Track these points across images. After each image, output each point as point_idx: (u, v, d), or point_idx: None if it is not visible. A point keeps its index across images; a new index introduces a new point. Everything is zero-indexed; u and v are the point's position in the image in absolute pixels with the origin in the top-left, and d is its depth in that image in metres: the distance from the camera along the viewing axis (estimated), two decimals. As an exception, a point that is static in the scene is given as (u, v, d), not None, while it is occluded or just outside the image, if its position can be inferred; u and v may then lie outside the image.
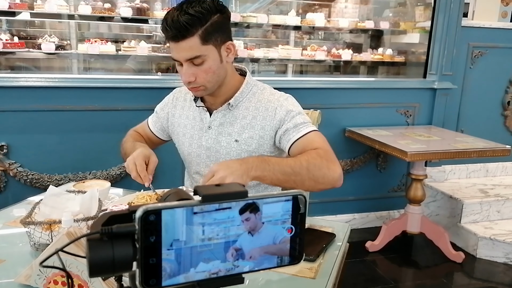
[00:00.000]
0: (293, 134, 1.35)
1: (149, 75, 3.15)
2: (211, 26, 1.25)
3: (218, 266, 0.51)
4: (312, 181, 1.23)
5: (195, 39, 1.24)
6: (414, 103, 3.13)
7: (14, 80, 2.38)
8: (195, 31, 1.23)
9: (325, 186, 1.25)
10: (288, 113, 1.37)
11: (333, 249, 1.18)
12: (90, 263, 0.45)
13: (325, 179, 1.24)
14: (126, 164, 1.33)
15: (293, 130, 1.35)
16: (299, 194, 0.54)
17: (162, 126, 1.59)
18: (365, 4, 3.66)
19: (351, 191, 3.09)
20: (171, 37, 1.25)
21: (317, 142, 1.32)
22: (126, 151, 1.48)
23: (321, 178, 1.24)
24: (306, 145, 1.32)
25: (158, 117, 1.59)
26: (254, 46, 3.39)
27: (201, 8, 1.24)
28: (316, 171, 1.22)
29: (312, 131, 1.35)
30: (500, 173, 3.52)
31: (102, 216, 0.49)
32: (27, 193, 1.66)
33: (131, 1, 3.04)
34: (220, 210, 0.50)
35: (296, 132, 1.34)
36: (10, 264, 1.05)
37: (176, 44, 1.26)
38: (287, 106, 1.38)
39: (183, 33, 1.23)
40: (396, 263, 2.77)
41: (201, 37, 1.24)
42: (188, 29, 1.22)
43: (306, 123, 1.37)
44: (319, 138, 1.35)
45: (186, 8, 1.23)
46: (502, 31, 3.28)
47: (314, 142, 1.32)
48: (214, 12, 1.26)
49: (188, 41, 1.24)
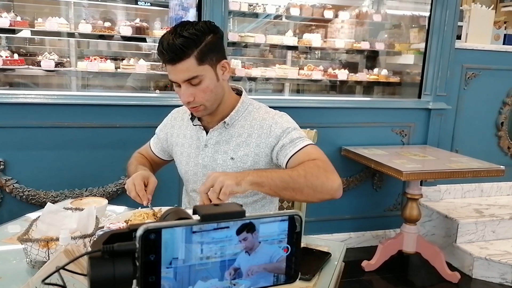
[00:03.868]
0: (289, 149, 1.36)
1: (148, 92, 3.18)
2: (206, 46, 1.28)
3: (216, 284, 0.52)
4: (310, 189, 1.23)
5: (191, 60, 1.27)
6: (409, 123, 3.17)
7: (13, 97, 2.39)
8: (190, 53, 1.26)
9: (323, 196, 1.26)
10: (284, 130, 1.39)
11: (329, 268, 1.18)
12: (91, 280, 0.46)
13: (324, 188, 1.25)
14: (126, 186, 1.36)
15: (289, 145, 1.36)
16: (295, 214, 0.56)
17: (162, 147, 1.62)
18: (360, 26, 3.73)
19: (347, 210, 3.09)
20: (168, 60, 1.28)
21: (315, 154, 1.34)
22: (129, 174, 1.51)
23: (320, 187, 1.24)
24: (304, 158, 1.33)
25: (159, 139, 1.63)
26: (251, 65, 3.44)
27: (195, 30, 1.27)
28: (314, 180, 1.23)
29: (308, 144, 1.36)
30: (494, 193, 3.54)
31: (103, 235, 0.50)
32: (23, 209, 1.67)
33: (131, 20, 3.09)
34: (219, 229, 0.51)
35: (293, 147, 1.35)
36: (6, 281, 1.05)
37: (173, 67, 1.29)
38: (282, 123, 1.40)
39: (179, 55, 1.26)
40: (392, 283, 2.76)
41: (196, 58, 1.27)
42: (184, 51, 1.25)
43: (302, 137, 1.38)
44: (317, 150, 1.36)
45: (180, 31, 1.27)
46: (495, 53, 3.34)
47: (311, 154, 1.34)
48: (208, 32, 1.30)
49: (184, 62, 1.27)
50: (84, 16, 3.25)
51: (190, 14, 3.00)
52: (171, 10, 3.13)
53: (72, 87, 3.13)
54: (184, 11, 3.06)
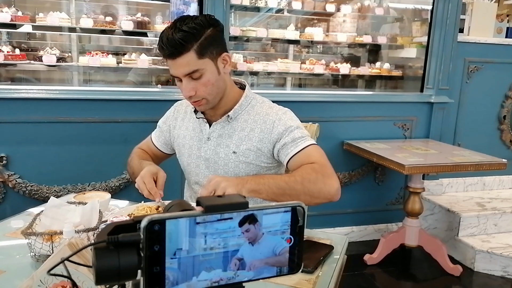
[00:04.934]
0: (291, 148, 1.37)
1: (149, 87, 3.18)
2: (205, 40, 1.28)
3: (220, 275, 0.52)
4: (307, 195, 1.25)
5: (191, 54, 1.27)
6: (411, 116, 3.16)
7: (15, 92, 2.40)
8: (190, 47, 1.26)
9: (321, 201, 1.28)
10: (286, 127, 1.39)
11: (331, 261, 1.18)
12: (97, 271, 0.46)
13: (321, 193, 1.26)
14: (136, 185, 1.35)
15: (291, 144, 1.37)
16: (298, 205, 0.56)
17: (165, 139, 1.62)
18: (362, 19, 3.72)
19: (349, 204, 3.10)
20: (168, 54, 1.28)
21: (315, 156, 1.35)
22: (134, 170, 1.51)
23: (317, 193, 1.26)
24: (304, 159, 1.34)
25: (161, 131, 1.62)
26: (253, 59, 3.43)
27: (194, 24, 1.27)
28: (311, 186, 1.25)
29: (310, 145, 1.37)
30: (496, 187, 3.54)
31: (108, 226, 0.50)
32: (26, 204, 1.67)
33: (132, 14, 3.09)
34: (222, 221, 0.51)
35: (294, 147, 1.36)
36: (10, 275, 1.06)
37: (173, 61, 1.29)
38: (285, 121, 1.40)
39: (179, 49, 1.26)
40: (394, 276, 2.77)
41: (196, 52, 1.27)
42: (183, 45, 1.25)
43: (304, 137, 1.39)
44: (317, 152, 1.37)
45: (179, 25, 1.27)
46: (497, 47, 3.33)
47: (311, 156, 1.35)
48: (207, 26, 1.29)
49: (184, 57, 1.27)
50: (85, 11, 3.24)
51: (191, 8, 2.99)
52: (172, 5, 3.12)
53: (74, 82, 3.13)
54: (185, 5, 3.06)
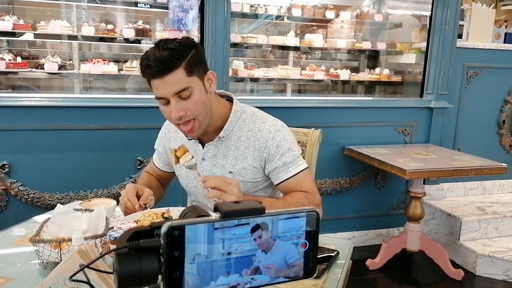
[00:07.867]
0: (281, 173, 1.41)
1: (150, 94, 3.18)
2: (192, 58, 1.27)
3: (237, 279, 0.53)
4: None
5: (181, 71, 1.25)
6: (411, 122, 3.18)
7: (16, 100, 2.40)
8: (179, 64, 1.24)
9: None
10: (277, 148, 1.40)
11: (337, 266, 1.19)
12: (119, 276, 0.47)
13: None
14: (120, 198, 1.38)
15: (282, 168, 1.40)
16: (312, 210, 0.57)
17: (164, 160, 1.62)
18: (362, 26, 3.74)
19: (350, 209, 3.10)
20: (156, 72, 1.24)
21: (306, 184, 1.40)
22: None
23: None
24: (295, 186, 1.40)
25: (159, 153, 1.62)
26: (253, 66, 3.45)
27: (179, 43, 1.27)
28: None
29: (301, 171, 1.41)
30: (497, 191, 3.55)
31: (127, 232, 0.51)
32: (28, 212, 1.67)
33: (132, 22, 3.10)
34: (239, 226, 0.52)
35: (285, 172, 1.40)
36: (18, 282, 1.06)
37: (161, 80, 1.24)
38: (278, 141, 1.40)
39: (168, 65, 1.23)
40: (397, 281, 2.77)
41: (185, 69, 1.25)
42: (172, 61, 1.23)
43: (295, 161, 1.41)
44: (308, 179, 1.42)
45: (163, 45, 1.26)
46: (496, 52, 3.36)
47: (303, 184, 1.40)
48: (191, 47, 1.29)
49: (174, 74, 1.24)
50: (85, 19, 3.25)
51: (190, 16, 3.01)
52: (171, 12, 3.14)
53: (75, 90, 3.13)
54: (184, 12, 3.07)
